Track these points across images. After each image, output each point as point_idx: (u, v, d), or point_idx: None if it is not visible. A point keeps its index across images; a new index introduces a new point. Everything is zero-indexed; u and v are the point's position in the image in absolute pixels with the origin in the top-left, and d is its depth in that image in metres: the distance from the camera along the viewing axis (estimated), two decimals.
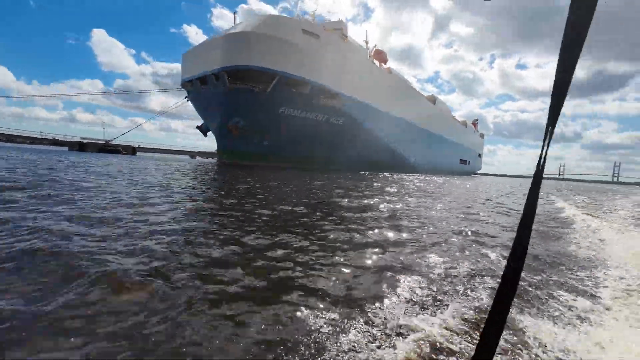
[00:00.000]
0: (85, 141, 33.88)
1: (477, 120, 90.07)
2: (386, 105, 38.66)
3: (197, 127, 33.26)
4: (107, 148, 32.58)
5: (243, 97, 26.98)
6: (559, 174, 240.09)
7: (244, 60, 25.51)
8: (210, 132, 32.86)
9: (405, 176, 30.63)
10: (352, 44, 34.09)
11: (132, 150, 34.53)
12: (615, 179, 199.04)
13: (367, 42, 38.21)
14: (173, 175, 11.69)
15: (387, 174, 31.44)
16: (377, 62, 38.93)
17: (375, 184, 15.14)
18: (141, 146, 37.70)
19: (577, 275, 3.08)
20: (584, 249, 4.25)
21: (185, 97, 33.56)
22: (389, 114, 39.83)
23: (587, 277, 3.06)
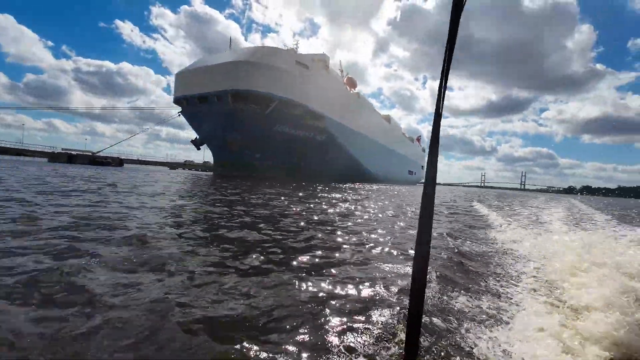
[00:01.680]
0: (74, 153, 32.81)
1: (420, 136, 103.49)
2: (356, 125, 45.00)
3: (192, 141, 35.17)
4: (97, 160, 32.16)
5: (243, 115, 30.37)
6: (481, 183, 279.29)
7: (250, 85, 29.15)
8: (202, 145, 35.16)
9: (379, 186, 36.74)
10: (332, 73, 39.83)
11: (119, 162, 34.40)
12: (523, 187, 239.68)
13: (341, 71, 44.43)
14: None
15: (367, 184, 37.23)
16: (348, 88, 45.26)
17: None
18: (124, 158, 37.53)
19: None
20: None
21: (178, 113, 35.28)
22: (358, 132, 46.23)
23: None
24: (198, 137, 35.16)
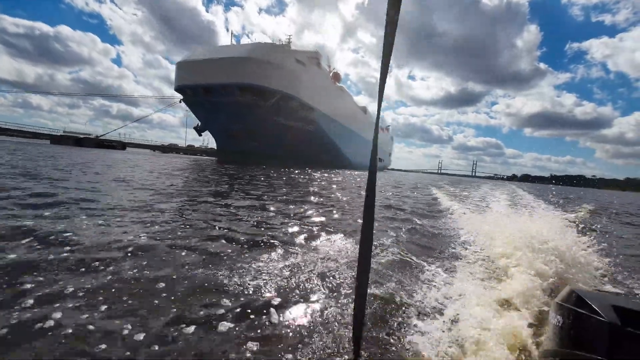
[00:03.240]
0: (81, 136, 33.20)
1: (389, 126, 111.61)
2: (339, 116, 49.74)
3: (194, 127, 37.44)
4: (104, 143, 33.08)
5: (248, 107, 33.57)
6: (438, 170, 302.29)
7: (257, 80, 32.32)
8: (204, 132, 37.69)
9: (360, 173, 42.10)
10: (323, 70, 43.71)
11: (122, 146, 35.49)
12: (474, 174, 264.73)
13: (329, 66, 48.39)
14: None
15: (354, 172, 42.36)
16: (334, 82, 49.53)
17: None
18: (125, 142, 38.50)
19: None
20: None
21: (180, 100, 37.13)
22: (340, 123, 51.06)
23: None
24: (200, 124, 37.53)
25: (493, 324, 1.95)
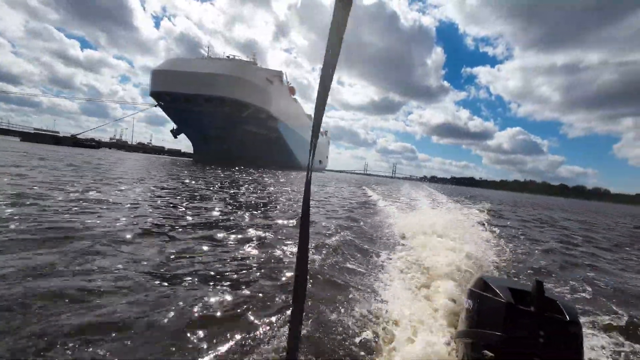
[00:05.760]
0: (61, 135, 32.15)
1: (327, 130, 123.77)
2: (293, 124, 57.53)
3: (171, 130, 40.39)
4: (82, 142, 33.05)
5: (225, 116, 38.83)
6: (365, 171, 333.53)
7: (236, 95, 37.78)
8: (179, 134, 41.11)
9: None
10: (284, 85, 50.94)
11: (97, 145, 35.59)
12: (394, 175, 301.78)
13: (288, 83, 55.72)
14: None
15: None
16: (290, 94, 57.16)
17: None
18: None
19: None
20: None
21: (156, 105, 39.64)
22: (294, 130, 58.86)
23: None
24: (176, 128, 40.73)
25: (416, 309, 2.11)
